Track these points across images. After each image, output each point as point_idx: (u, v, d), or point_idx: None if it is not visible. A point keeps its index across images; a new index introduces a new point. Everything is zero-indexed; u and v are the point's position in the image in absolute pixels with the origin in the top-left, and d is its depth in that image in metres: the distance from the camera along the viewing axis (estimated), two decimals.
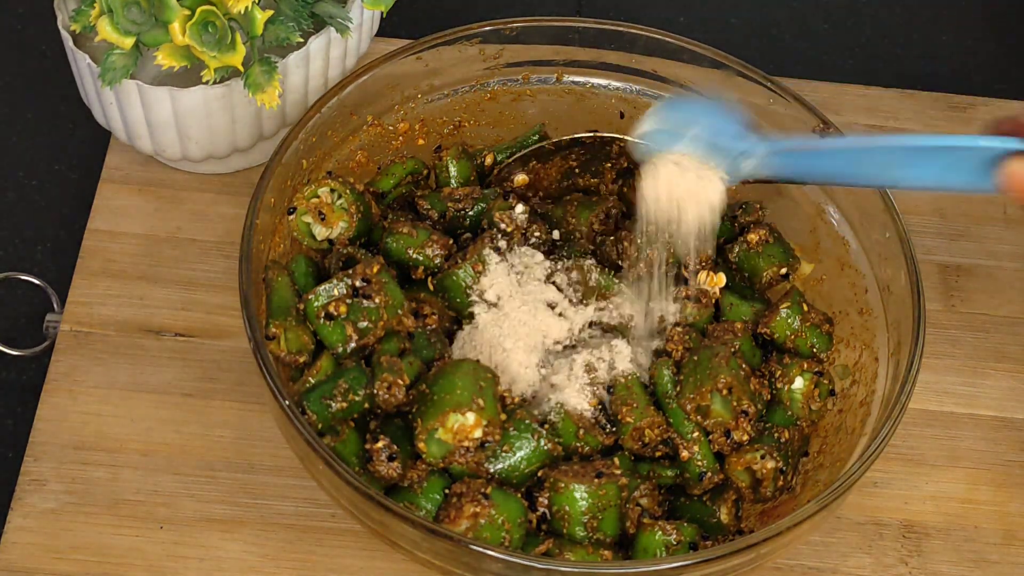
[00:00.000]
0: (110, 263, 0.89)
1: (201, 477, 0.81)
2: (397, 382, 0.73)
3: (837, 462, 0.77)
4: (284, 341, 0.75)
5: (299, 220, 0.80)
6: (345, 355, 0.76)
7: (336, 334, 0.76)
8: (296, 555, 0.79)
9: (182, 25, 0.80)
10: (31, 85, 1.00)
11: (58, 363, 0.85)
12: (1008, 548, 0.83)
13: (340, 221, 0.80)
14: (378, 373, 0.74)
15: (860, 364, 0.81)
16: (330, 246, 0.81)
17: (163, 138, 0.88)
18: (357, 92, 0.83)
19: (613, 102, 0.88)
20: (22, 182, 0.96)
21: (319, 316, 0.76)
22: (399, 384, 0.74)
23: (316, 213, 0.80)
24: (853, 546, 0.82)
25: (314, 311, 0.76)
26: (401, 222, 0.81)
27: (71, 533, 0.79)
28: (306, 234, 0.81)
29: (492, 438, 0.73)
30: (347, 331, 0.76)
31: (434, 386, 0.73)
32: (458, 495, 0.72)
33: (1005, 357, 0.90)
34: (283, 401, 0.70)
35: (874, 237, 0.81)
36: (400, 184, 0.85)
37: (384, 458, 0.73)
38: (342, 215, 0.80)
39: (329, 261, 0.80)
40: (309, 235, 0.81)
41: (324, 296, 0.76)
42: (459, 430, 0.72)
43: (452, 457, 0.73)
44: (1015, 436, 0.87)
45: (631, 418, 0.76)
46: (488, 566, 0.68)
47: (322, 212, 0.80)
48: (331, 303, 0.76)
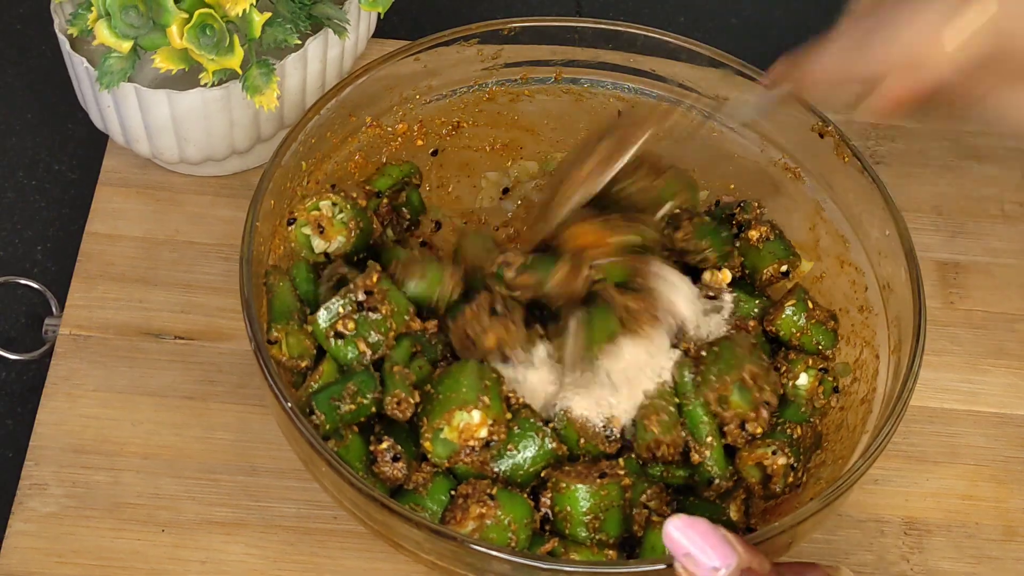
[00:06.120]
0: (109, 266, 0.89)
1: (202, 480, 0.81)
2: (408, 400, 0.73)
3: (839, 460, 0.77)
4: (285, 346, 0.75)
5: (298, 231, 0.80)
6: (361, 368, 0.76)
7: (350, 352, 0.76)
8: (298, 557, 0.79)
9: (180, 28, 0.80)
10: (31, 86, 1.00)
11: (58, 367, 0.85)
12: (1009, 544, 0.83)
13: (339, 235, 0.80)
14: (389, 387, 0.74)
15: (861, 361, 0.81)
16: (327, 259, 0.80)
17: (161, 141, 0.88)
18: (355, 94, 0.83)
19: (612, 102, 0.88)
20: (21, 183, 0.96)
21: (328, 337, 0.76)
22: (409, 402, 0.74)
23: (315, 226, 0.80)
24: (855, 543, 0.82)
25: (323, 333, 0.76)
26: (414, 264, 0.79)
27: (72, 537, 0.79)
28: (304, 246, 0.80)
29: (497, 437, 0.73)
30: (360, 347, 0.76)
31: (439, 386, 0.74)
32: (464, 496, 0.72)
33: (1004, 353, 0.90)
34: (286, 403, 0.70)
35: (874, 235, 0.81)
36: (395, 185, 0.85)
37: (389, 459, 0.73)
38: (341, 229, 0.80)
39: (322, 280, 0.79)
40: (308, 247, 0.80)
41: (329, 316, 0.76)
42: (464, 429, 0.72)
43: (457, 457, 0.73)
44: (1015, 432, 0.87)
45: (657, 429, 0.76)
46: (492, 566, 0.68)
47: (321, 225, 0.80)
48: (338, 321, 0.75)
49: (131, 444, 0.82)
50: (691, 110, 0.81)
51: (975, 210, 0.96)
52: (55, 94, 0.98)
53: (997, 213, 0.96)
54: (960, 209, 0.96)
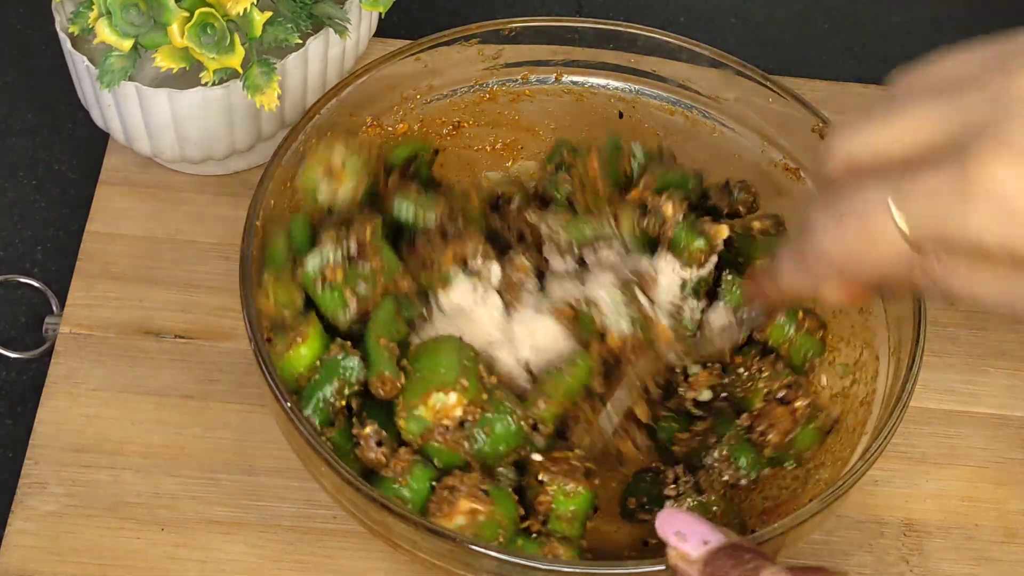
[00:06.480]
0: (109, 265, 0.89)
1: (202, 479, 0.81)
2: (393, 381, 0.73)
3: (838, 461, 0.77)
4: (272, 294, 0.75)
5: (309, 173, 0.79)
6: (346, 322, 0.75)
7: (335, 301, 0.75)
8: (297, 556, 0.79)
9: (181, 27, 0.80)
10: (31, 86, 1.00)
11: (58, 365, 0.85)
12: (1008, 546, 0.83)
13: (348, 182, 0.80)
14: (374, 363, 0.73)
15: (861, 363, 0.81)
16: (329, 214, 0.80)
17: (161, 140, 0.88)
18: (356, 93, 0.83)
19: (612, 102, 0.88)
20: (21, 183, 0.96)
21: (315, 283, 0.75)
22: (395, 383, 0.73)
23: (326, 169, 0.79)
24: (854, 545, 0.82)
25: (310, 279, 0.75)
26: (410, 187, 0.81)
27: (72, 536, 0.79)
28: (312, 190, 0.79)
29: (472, 417, 0.72)
30: (346, 296, 0.75)
31: (416, 363, 0.73)
32: (450, 488, 0.72)
33: (1004, 355, 0.90)
34: (284, 403, 0.70)
35: None
36: (409, 157, 0.84)
37: (373, 444, 0.72)
38: (351, 176, 0.80)
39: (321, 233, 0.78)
40: (314, 192, 0.79)
41: (317, 261, 0.75)
42: (440, 409, 0.72)
43: (431, 435, 0.72)
44: (1015, 434, 0.87)
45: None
46: (489, 566, 0.68)
47: (332, 169, 0.79)
48: (327, 267, 0.75)
49: (131, 443, 0.82)
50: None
51: None
52: (55, 94, 0.98)
53: None
54: None
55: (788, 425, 0.78)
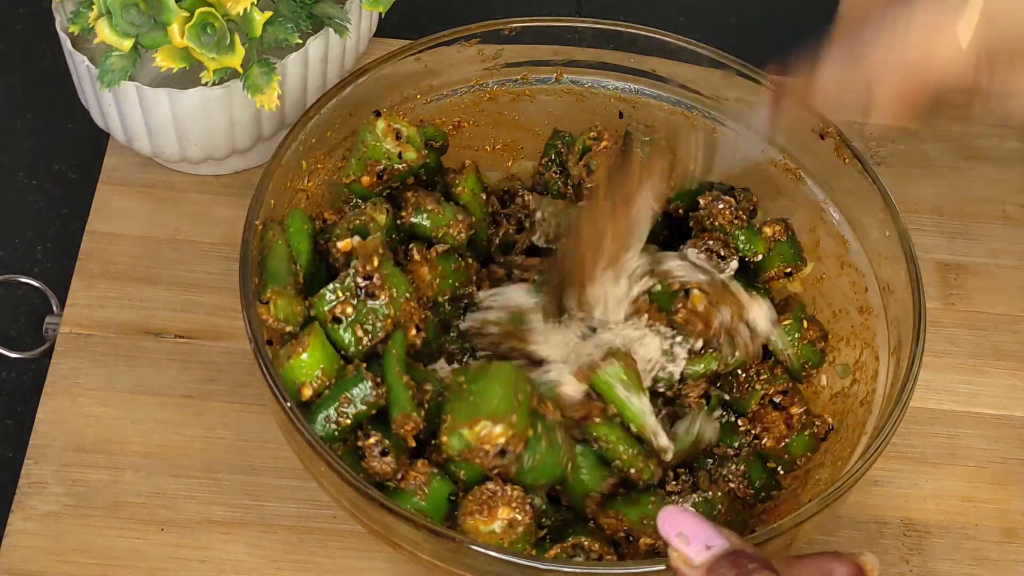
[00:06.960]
0: (109, 265, 0.89)
1: (202, 479, 0.81)
2: (419, 423, 0.73)
3: (838, 461, 0.77)
4: (275, 308, 0.75)
5: (382, 125, 0.80)
6: (357, 355, 0.75)
7: (346, 337, 0.75)
8: (297, 556, 0.79)
9: (181, 27, 0.80)
10: (31, 86, 1.00)
11: (58, 365, 0.85)
12: (1008, 546, 0.83)
13: (410, 151, 0.81)
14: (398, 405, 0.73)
15: (861, 363, 0.81)
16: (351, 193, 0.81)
17: (162, 140, 0.88)
18: (356, 93, 0.83)
19: (612, 102, 0.88)
20: (22, 182, 0.96)
21: (327, 320, 0.75)
22: (417, 422, 0.73)
23: (394, 132, 0.80)
24: (854, 545, 0.82)
25: (323, 315, 0.75)
26: (427, 198, 0.81)
27: (72, 536, 0.79)
28: (379, 140, 0.80)
29: (513, 448, 0.72)
30: (356, 333, 0.75)
31: (473, 385, 0.73)
32: (492, 492, 0.71)
33: (1004, 355, 0.90)
34: (286, 403, 0.70)
35: (874, 236, 0.81)
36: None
37: (377, 453, 0.72)
38: (412, 148, 0.81)
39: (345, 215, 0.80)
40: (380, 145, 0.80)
41: (330, 298, 0.75)
42: (485, 436, 0.71)
43: (469, 454, 0.72)
44: (1015, 434, 0.87)
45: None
46: (491, 567, 0.68)
47: (399, 134, 0.81)
48: (336, 305, 0.75)
49: (131, 443, 0.82)
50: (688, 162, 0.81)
51: (976, 211, 0.96)
52: (55, 94, 0.98)
53: (998, 215, 0.96)
54: (961, 210, 0.96)
55: (783, 431, 0.79)
